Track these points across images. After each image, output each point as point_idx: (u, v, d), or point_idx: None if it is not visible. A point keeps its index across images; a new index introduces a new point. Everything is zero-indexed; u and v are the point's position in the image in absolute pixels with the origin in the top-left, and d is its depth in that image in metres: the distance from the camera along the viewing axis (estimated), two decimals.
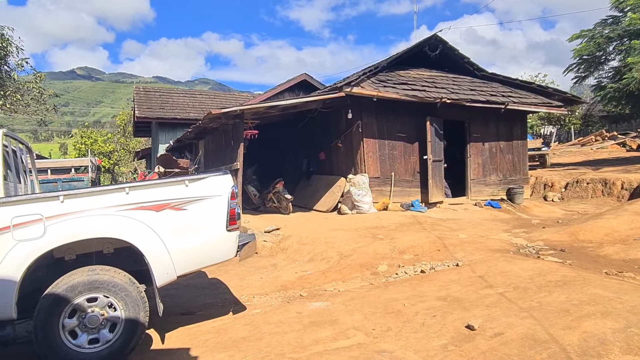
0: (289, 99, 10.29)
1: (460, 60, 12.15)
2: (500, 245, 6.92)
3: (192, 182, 3.88)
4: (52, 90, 15.18)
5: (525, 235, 7.82)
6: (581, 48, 17.25)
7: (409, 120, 10.71)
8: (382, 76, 10.63)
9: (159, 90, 19.80)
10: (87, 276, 3.51)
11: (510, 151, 12.04)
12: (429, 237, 7.38)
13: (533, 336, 3.37)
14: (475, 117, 11.34)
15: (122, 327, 3.55)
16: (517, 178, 12.10)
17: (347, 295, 5.03)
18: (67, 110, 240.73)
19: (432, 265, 6.00)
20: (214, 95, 20.45)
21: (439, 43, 11.73)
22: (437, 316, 4.05)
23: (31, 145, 5.99)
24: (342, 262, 6.57)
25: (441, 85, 11.06)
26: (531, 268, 5.24)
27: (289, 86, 17.65)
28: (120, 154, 34.56)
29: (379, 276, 5.94)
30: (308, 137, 12.45)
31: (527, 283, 4.69)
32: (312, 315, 4.39)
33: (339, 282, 5.84)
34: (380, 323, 4.04)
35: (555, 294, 4.24)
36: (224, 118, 9.03)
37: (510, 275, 5.04)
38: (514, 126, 12.04)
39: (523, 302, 4.12)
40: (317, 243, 7.53)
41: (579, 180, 13.71)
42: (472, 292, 4.65)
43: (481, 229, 8.49)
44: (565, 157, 23.14)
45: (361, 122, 10.24)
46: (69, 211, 3.51)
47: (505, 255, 6.13)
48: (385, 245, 7.11)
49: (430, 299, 4.55)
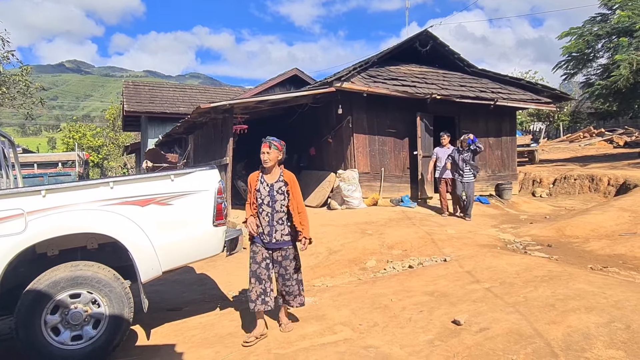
0: (279, 94, 10.23)
1: (450, 57, 12.16)
2: (488, 241, 6.96)
3: (178, 177, 3.83)
4: (39, 84, 14.94)
5: (513, 231, 7.88)
6: (570, 45, 17.36)
7: (399, 115, 10.70)
8: (372, 71, 10.60)
9: (149, 84, 19.59)
10: (70, 272, 3.46)
11: (499, 147, 12.10)
12: (417, 233, 7.40)
13: (518, 331, 3.39)
14: (465, 113, 11.37)
15: (106, 323, 3.51)
16: (506, 174, 12.18)
17: (335, 291, 5.02)
18: (56, 104, 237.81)
19: (420, 261, 6.02)
20: (204, 90, 20.29)
21: (429, 39, 11.71)
22: (424, 311, 4.06)
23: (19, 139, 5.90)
24: (331, 258, 6.57)
25: (431, 81, 11.06)
26: (518, 263, 5.28)
27: (279, 81, 17.54)
28: (110, 149, 34.21)
29: (367, 272, 5.95)
30: (298, 132, 12.41)
31: (514, 278, 4.72)
32: (300, 310, 4.37)
33: (327, 278, 5.84)
34: (367, 318, 4.04)
35: (541, 289, 4.27)
36: (213, 112, 8.95)
37: (497, 270, 5.07)
38: (503, 122, 12.09)
39: (509, 297, 4.14)
40: None
41: (567, 176, 13.82)
42: (459, 287, 4.67)
43: (470, 224, 8.53)
44: (553, 153, 23.36)
45: (351, 117, 10.22)
46: (51, 206, 3.45)
47: (492, 250, 6.17)
48: (374, 241, 7.12)
49: (417, 294, 4.56)
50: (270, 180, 3.81)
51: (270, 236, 3.78)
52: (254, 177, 3.85)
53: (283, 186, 3.80)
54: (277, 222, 3.79)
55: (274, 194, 3.78)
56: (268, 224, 3.78)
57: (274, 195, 3.78)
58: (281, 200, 3.79)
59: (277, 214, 3.79)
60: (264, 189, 3.78)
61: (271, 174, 3.84)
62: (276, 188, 3.79)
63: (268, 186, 3.79)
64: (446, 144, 9.53)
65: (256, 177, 3.84)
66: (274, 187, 3.79)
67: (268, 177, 3.83)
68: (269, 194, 3.78)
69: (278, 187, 3.79)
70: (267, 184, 3.80)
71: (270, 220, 3.78)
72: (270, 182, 3.80)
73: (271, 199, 3.78)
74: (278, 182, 3.80)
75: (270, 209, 3.78)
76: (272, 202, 3.78)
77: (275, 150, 3.77)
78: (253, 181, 3.85)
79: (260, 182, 3.80)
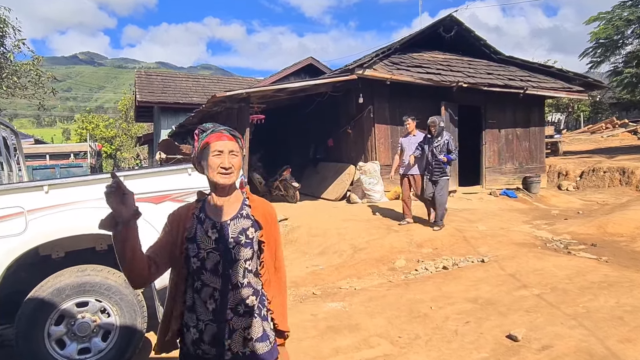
0: (298, 81, 9.76)
1: (476, 43, 11.55)
2: (525, 239, 6.46)
3: (196, 171, 3.41)
4: (50, 73, 14.65)
5: (549, 228, 7.36)
6: (599, 31, 16.56)
7: (422, 105, 10.17)
8: (395, 58, 10.07)
9: (161, 74, 19.22)
10: (77, 277, 3.08)
11: (527, 138, 11.51)
12: (447, 229, 6.92)
13: (588, 350, 2.93)
14: (492, 102, 10.80)
15: (116, 334, 3.14)
16: (534, 166, 11.60)
17: (365, 295, 4.59)
18: (70, 95, 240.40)
19: (454, 261, 5.56)
20: (218, 80, 19.86)
21: (454, 24, 11.12)
22: (470, 322, 3.61)
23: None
24: (356, 256, 6.13)
25: (457, 69, 10.50)
26: (566, 265, 4.80)
27: (294, 70, 17.04)
28: (123, 140, 34.08)
29: (397, 272, 5.50)
30: (316, 122, 11.94)
31: (566, 284, 4.25)
32: (329, 318, 3.96)
33: (354, 279, 5.41)
34: (406, 329, 3.61)
35: (601, 297, 3.79)
36: (229, 102, 8.53)
37: (545, 273, 4.60)
38: (531, 112, 11.48)
39: (567, 307, 3.68)
40: (329, 235, 7.09)
41: (595, 169, 13.19)
42: (504, 293, 4.21)
43: (500, 220, 8.03)
44: (575, 144, 22.58)
45: (372, 106, 9.72)
46: (55, 203, 3.07)
47: (533, 250, 5.68)
48: (401, 238, 6.67)
49: (459, 301, 4.11)
50: (225, 216, 1.68)
51: (218, 348, 1.63)
52: (181, 215, 1.70)
53: (251, 228, 1.69)
54: (237, 310, 1.65)
55: (229, 244, 1.64)
56: (213, 317, 1.63)
57: (233, 248, 1.65)
58: (246, 258, 1.66)
59: (237, 291, 1.65)
60: (208, 237, 1.64)
61: (227, 202, 1.70)
62: (236, 231, 1.66)
63: (216, 229, 1.66)
64: (412, 130, 7.44)
65: (186, 213, 1.70)
66: (231, 230, 1.66)
67: (218, 209, 1.69)
68: (217, 248, 1.64)
69: (240, 230, 1.67)
70: (215, 224, 1.66)
71: (219, 307, 1.63)
72: (223, 220, 1.68)
73: (224, 259, 1.64)
74: (240, 218, 1.69)
75: (221, 282, 1.64)
76: (228, 263, 1.64)
77: (240, 151, 1.73)
78: (176, 222, 1.68)
79: (198, 222, 1.67)
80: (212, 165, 1.63)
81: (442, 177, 6.90)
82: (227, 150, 1.63)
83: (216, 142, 1.64)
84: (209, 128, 1.69)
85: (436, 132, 6.92)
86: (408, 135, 7.52)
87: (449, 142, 6.91)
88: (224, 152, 1.63)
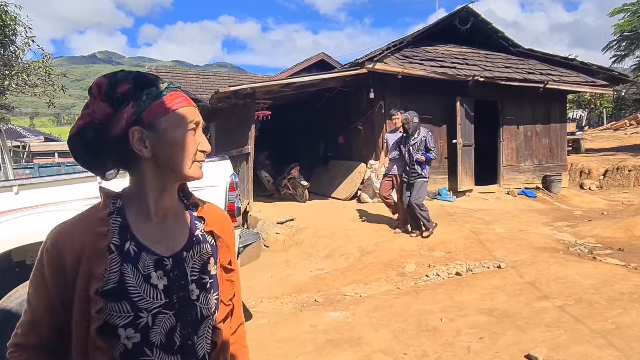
0: (304, 76, 9.44)
1: (493, 35, 11.06)
2: (545, 242, 6.04)
3: None
4: (59, 71, 14.60)
5: (571, 230, 6.91)
6: (623, 23, 15.85)
7: (436, 100, 9.76)
8: (407, 52, 9.67)
9: (171, 71, 19.07)
10: None
11: (547, 135, 10.98)
12: (461, 231, 6.53)
13: None
14: (510, 97, 10.31)
15: None
16: (555, 165, 11.06)
17: (371, 303, 4.26)
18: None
19: (468, 266, 5.18)
20: (228, 77, 19.64)
21: (470, 15, 10.65)
22: (484, 338, 3.25)
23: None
24: (364, 260, 5.80)
25: (473, 62, 10.04)
26: (591, 274, 4.39)
27: (306, 66, 16.69)
28: None
29: (406, 278, 5.15)
30: (325, 119, 11.60)
31: (592, 294, 3.85)
32: (329, 330, 3.64)
33: (360, 285, 5.07)
34: (413, 345, 3.26)
35: (633, 311, 3.39)
36: (234, 97, 8.25)
37: (568, 282, 4.20)
38: (552, 108, 10.94)
39: (593, 322, 3.29)
40: (336, 236, 6.77)
41: (620, 167, 12.58)
42: (523, 304, 3.83)
43: (518, 222, 7.59)
44: (597, 142, 21.80)
45: (384, 102, 9.34)
46: (26, 205, 2.82)
47: (554, 255, 5.26)
48: (412, 240, 6.31)
49: (472, 312, 3.75)
50: (174, 242, 0.98)
51: None
52: (75, 243, 0.90)
53: (211, 258, 1.03)
54: None
55: (191, 293, 0.97)
56: None
57: (199, 300, 0.98)
58: (213, 311, 1.02)
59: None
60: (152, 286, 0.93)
61: (172, 216, 1.00)
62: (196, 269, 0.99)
63: (164, 270, 0.94)
64: (399, 126, 6.64)
65: (88, 240, 0.90)
66: (190, 268, 0.98)
67: (157, 229, 0.97)
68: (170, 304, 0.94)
69: (202, 266, 1.00)
70: (160, 260, 0.95)
71: None
72: (173, 251, 0.97)
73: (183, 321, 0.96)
74: (197, 244, 1.01)
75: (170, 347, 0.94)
76: (191, 328, 0.97)
77: None
78: (67, 261, 0.90)
79: (122, 258, 0.92)
80: (186, 148, 0.93)
81: (418, 179, 6.31)
82: (201, 124, 0.99)
83: (187, 109, 0.95)
84: (157, 80, 0.96)
85: (411, 130, 6.32)
86: (395, 130, 6.90)
87: (427, 139, 6.35)
88: (199, 126, 0.98)
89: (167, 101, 0.93)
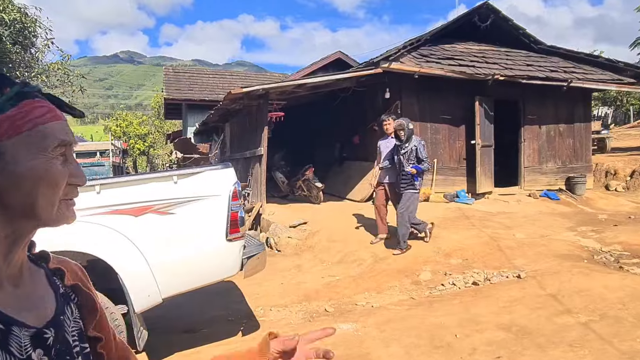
0: (318, 76, 9.28)
1: (514, 32, 10.71)
2: (569, 249, 5.76)
3: (182, 178, 3.01)
4: (78, 71, 14.80)
5: (596, 236, 6.59)
6: None
7: (454, 100, 9.49)
8: (424, 50, 9.43)
9: (189, 71, 19.16)
10: None
11: (571, 135, 10.59)
12: (479, 237, 6.30)
13: None
14: (531, 96, 9.97)
15: None
16: (579, 166, 10.67)
17: (383, 315, 4.09)
18: (111, 93, 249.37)
19: (486, 275, 4.96)
20: (245, 76, 19.66)
21: (490, 12, 10.33)
22: (502, 358, 3.05)
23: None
24: (377, 267, 5.63)
25: (492, 61, 9.73)
26: (618, 286, 4.13)
27: (322, 65, 16.56)
28: (155, 137, 34.60)
29: (421, 287, 4.96)
30: (341, 119, 11.43)
31: (619, 310, 3.61)
32: (337, 344, 3.48)
33: (372, 293, 4.90)
34: None
35: None
36: (247, 99, 8.16)
37: (593, 295, 3.95)
38: (576, 107, 10.55)
39: (621, 342, 3.06)
40: (349, 240, 6.61)
41: None
42: (544, 319, 3.62)
43: (540, 226, 7.29)
44: (624, 140, 21.03)
45: (400, 102, 9.13)
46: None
47: (578, 264, 5.00)
48: (427, 246, 6.10)
49: (489, 328, 3.55)
50: (44, 307, 0.67)
51: None
52: None
53: (80, 322, 0.74)
54: None
55: None
56: None
57: None
58: None
59: None
60: None
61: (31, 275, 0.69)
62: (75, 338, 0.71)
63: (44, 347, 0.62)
64: (391, 132, 6.25)
65: None
66: (71, 337, 0.69)
67: (19, 292, 0.65)
68: None
69: (78, 334, 0.72)
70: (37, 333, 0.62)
71: None
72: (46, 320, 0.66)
73: None
74: (66, 304, 0.72)
75: None
76: None
77: None
78: None
79: None
80: (50, 184, 0.63)
81: (407, 189, 5.85)
82: (72, 145, 0.67)
83: (51, 125, 0.64)
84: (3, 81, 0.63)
85: (405, 137, 5.84)
86: (387, 137, 6.47)
87: (418, 149, 5.82)
88: (71, 146, 0.67)
89: (16, 115, 0.61)
